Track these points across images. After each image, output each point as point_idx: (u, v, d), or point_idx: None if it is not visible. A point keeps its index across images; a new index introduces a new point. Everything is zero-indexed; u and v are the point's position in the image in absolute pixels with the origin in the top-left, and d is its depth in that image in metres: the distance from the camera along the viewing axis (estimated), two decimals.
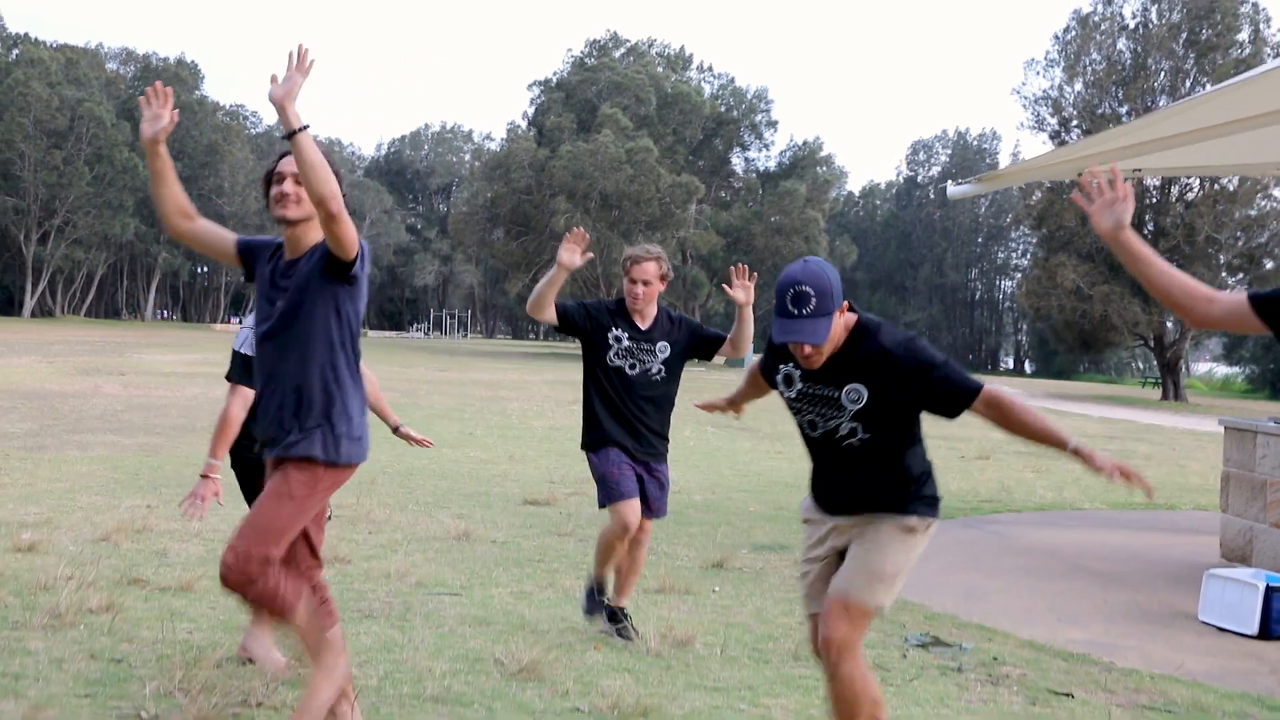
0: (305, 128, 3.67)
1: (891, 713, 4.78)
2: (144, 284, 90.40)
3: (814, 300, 3.52)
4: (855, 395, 3.70)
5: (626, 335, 5.72)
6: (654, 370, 5.77)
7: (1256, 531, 8.67)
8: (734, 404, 4.48)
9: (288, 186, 3.95)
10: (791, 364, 3.77)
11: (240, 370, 4.78)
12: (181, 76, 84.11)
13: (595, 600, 5.87)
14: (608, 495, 5.57)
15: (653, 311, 5.86)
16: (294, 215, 3.96)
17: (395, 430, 5.52)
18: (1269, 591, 6.60)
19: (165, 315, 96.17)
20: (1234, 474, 9.08)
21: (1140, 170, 10.26)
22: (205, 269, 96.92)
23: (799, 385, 3.78)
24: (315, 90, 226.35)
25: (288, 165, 3.98)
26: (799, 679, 5.20)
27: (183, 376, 26.57)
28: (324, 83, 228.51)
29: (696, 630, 5.94)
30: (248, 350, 4.76)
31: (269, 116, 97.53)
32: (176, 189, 3.93)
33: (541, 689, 4.81)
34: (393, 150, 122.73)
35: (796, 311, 3.53)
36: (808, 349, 3.61)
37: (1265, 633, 6.56)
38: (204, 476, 4.71)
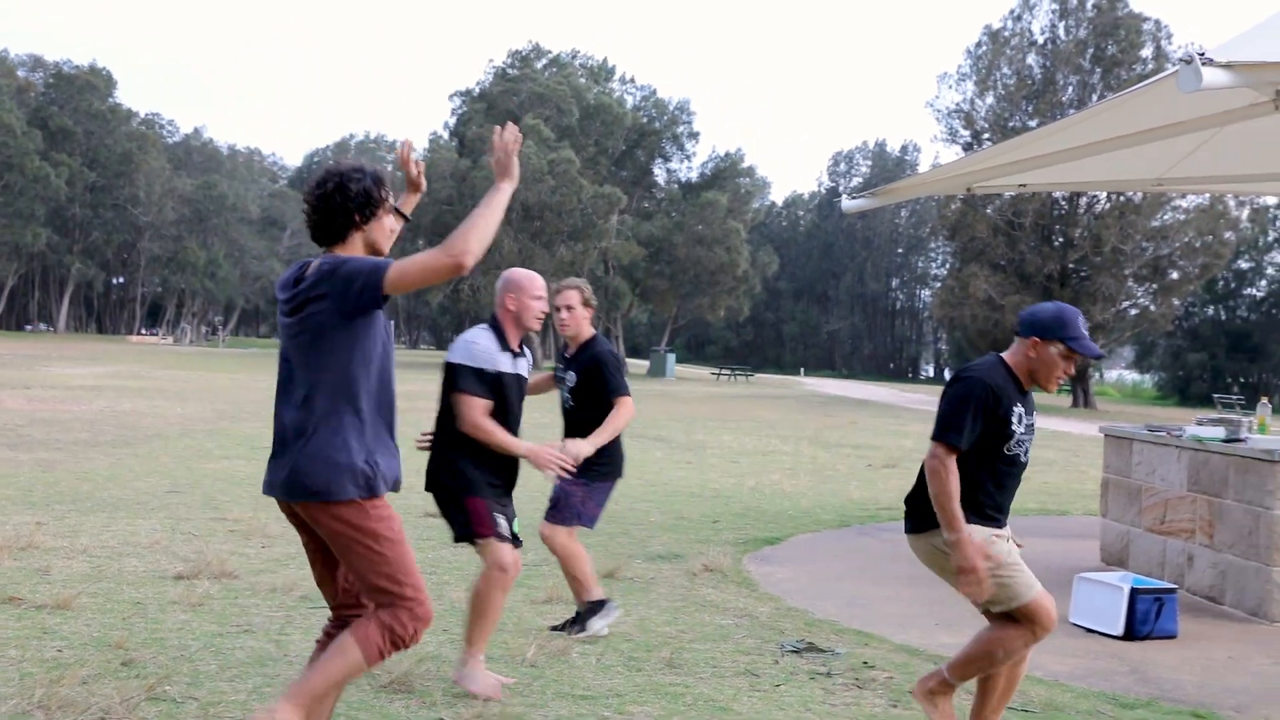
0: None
1: (753, 716, 4.91)
2: (57, 295, 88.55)
3: None
4: (1035, 418, 4.47)
5: (561, 366, 6.21)
6: (564, 399, 6.18)
7: (1133, 536, 8.95)
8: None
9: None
10: (1018, 401, 4.34)
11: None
12: (94, 84, 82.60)
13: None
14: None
15: (583, 337, 6.16)
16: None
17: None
18: (1133, 594, 6.83)
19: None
20: (1112, 480, 9.37)
21: (1025, 185, 10.56)
22: (120, 280, 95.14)
23: (1025, 420, 4.36)
24: (238, 99, 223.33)
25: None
26: (668, 686, 5.31)
27: (91, 390, 26.13)
28: (246, 91, 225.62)
29: (575, 640, 6.03)
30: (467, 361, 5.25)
31: (185, 125, 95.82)
32: None
33: (409, 700, 4.86)
34: (316, 160, 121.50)
35: (1086, 331, 4.35)
36: (1074, 368, 4.40)
37: (1130, 633, 6.80)
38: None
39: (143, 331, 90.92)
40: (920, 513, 4.44)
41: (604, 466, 6.10)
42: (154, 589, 6.85)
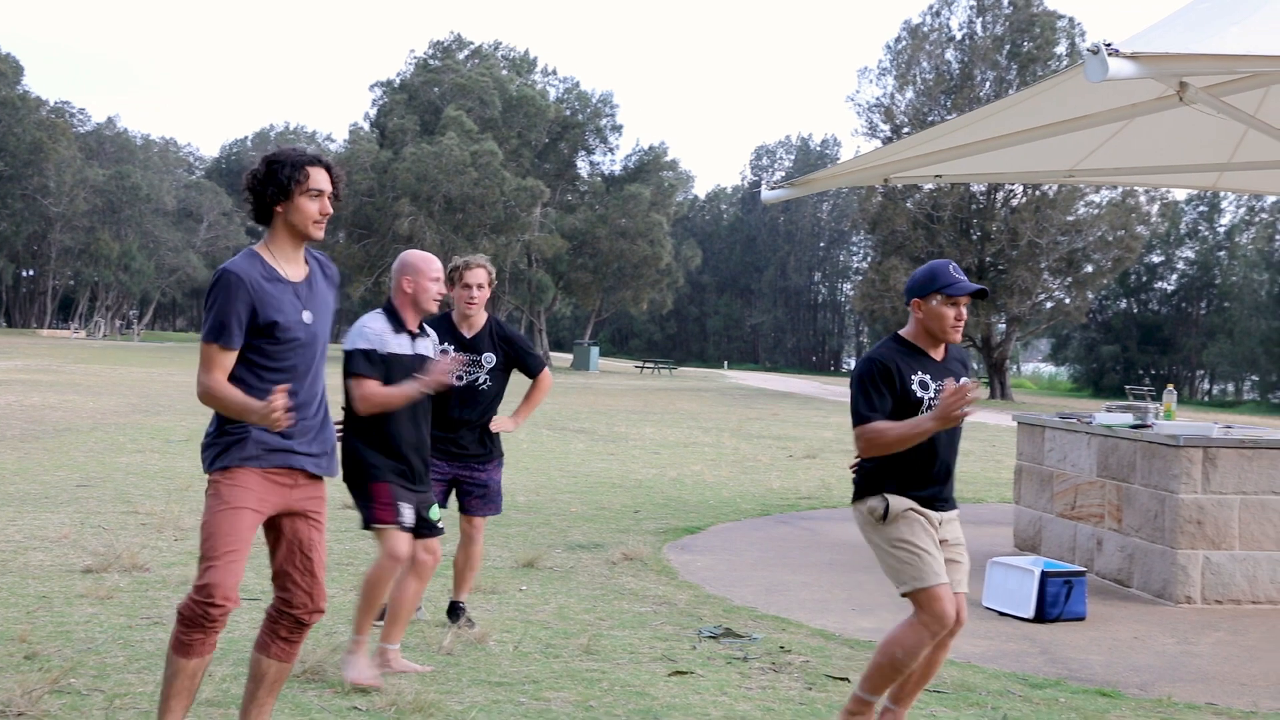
0: None
1: (670, 701, 4.93)
2: None
3: None
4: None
5: (453, 347, 5.88)
6: (480, 380, 5.96)
7: (1045, 521, 9.12)
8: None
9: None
10: (921, 369, 4.39)
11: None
12: (1, 70, 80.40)
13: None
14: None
15: (481, 320, 5.95)
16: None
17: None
18: (1044, 577, 6.97)
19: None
20: (1025, 467, 9.53)
21: (941, 175, 10.70)
22: (30, 272, 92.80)
23: (934, 385, 4.38)
24: (153, 89, 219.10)
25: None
26: (584, 672, 5.30)
27: None
28: (161, 81, 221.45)
29: (493, 628, 6.01)
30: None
31: (97, 115, 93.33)
32: None
33: (322, 690, 4.81)
34: (234, 152, 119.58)
35: (961, 275, 4.41)
36: (964, 312, 4.41)
37: (1040, 616, 6.93)
38: None
39: (55, 325, 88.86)
40: (855, 484, 4.50)
41: (502, 445, 6.13)
42: (61, 582, 6.70)
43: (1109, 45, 5.61)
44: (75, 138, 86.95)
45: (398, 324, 5.22)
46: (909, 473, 4.38)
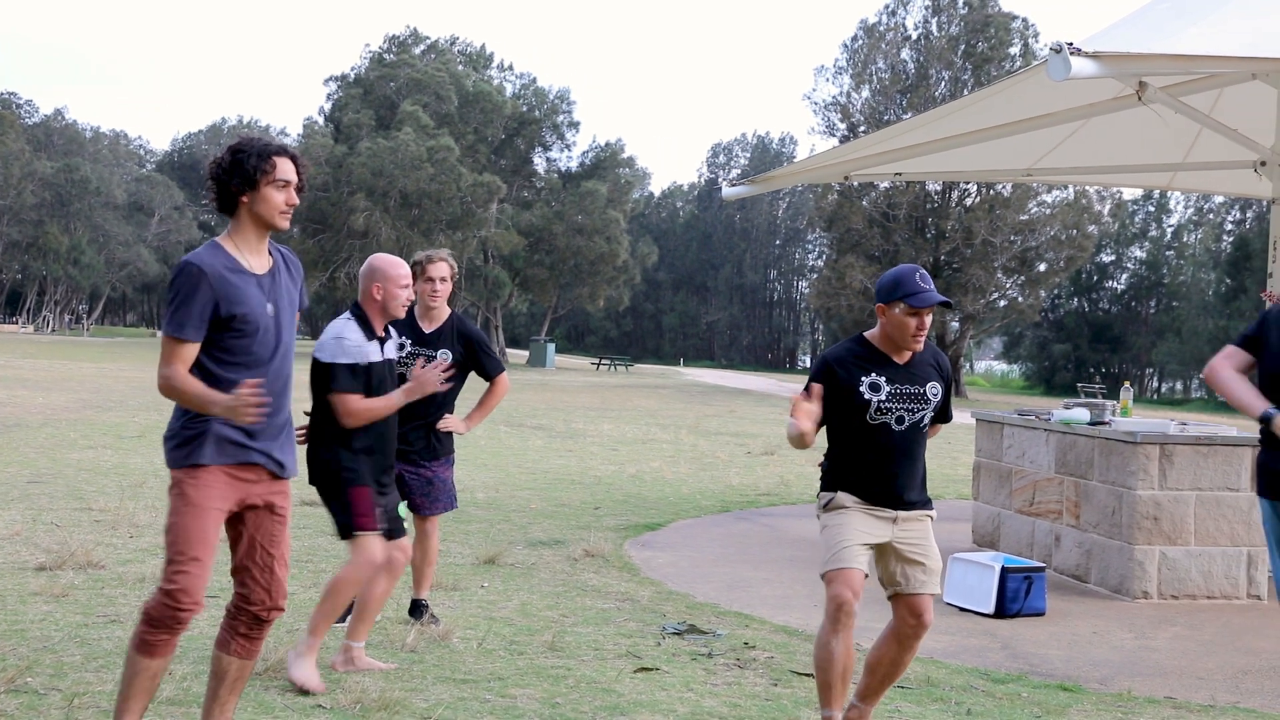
0: None
1: (635, 697, 4.92)
2: None
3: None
4: (935, 390, 4.46)
5: (410, 341, 5.83)
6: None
7: (1003, 517, 9.19)
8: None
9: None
10: (875, 371, 4.38)
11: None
12: None
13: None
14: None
15: (443, 315, 5.92)
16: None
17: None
18: (1004, 573, 7.02)
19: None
20: (984, 463, 9.61)
21: (900, 174, 10.77)
22: None
23: (887, 388, 4.38)
24: (104, 81, 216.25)
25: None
26: (550, 669, 5.29)
27: None
28: (112, 73, 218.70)
29: (456, 625, 5.98)
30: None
31: (45, 106, 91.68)
32: None
33: (285, 688, 4.76)
34: (187, 145, 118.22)
35: (927, 285, 4.33)
36: (927, 321, 4.36)
37: (1001, 611, 6.98)
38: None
39: (2, 320, 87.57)
40: (820, 481, 4.55)
41: (453, 443, 6.08)
42: (14, 580, 6.59)
43: (1071, 44, 5.66)
44: (23, 129, 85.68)
45: (368, 330, 5.15)
46: (861, 473, 4.41)
